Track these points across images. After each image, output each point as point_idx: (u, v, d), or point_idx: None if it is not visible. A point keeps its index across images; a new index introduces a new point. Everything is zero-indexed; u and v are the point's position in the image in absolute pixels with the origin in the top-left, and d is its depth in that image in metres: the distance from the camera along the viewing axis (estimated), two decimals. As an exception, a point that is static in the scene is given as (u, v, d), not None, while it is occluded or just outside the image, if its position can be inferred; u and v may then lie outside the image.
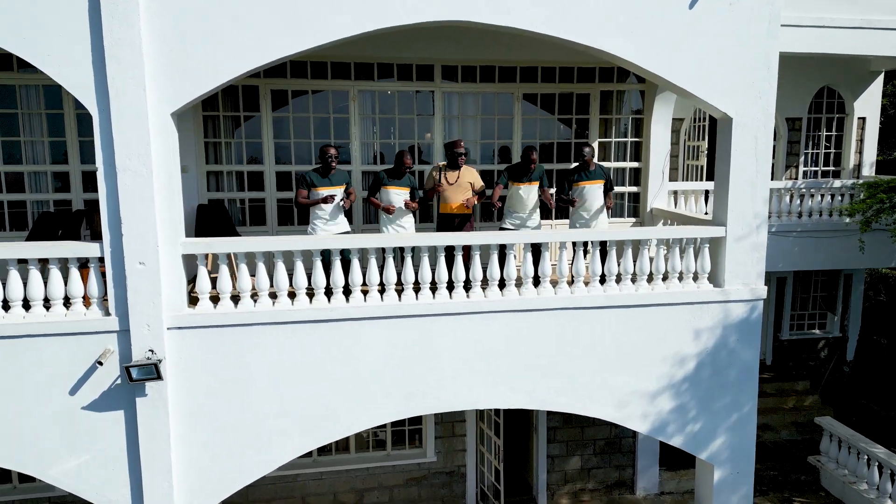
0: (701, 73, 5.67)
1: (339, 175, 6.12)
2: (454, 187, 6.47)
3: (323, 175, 6.03)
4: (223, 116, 7.16)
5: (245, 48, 4.96)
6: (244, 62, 5.00)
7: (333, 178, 6.06)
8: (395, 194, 6.26)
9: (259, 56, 5.01)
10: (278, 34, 4.99)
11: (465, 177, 6.55)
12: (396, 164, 6.31)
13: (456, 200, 6.49)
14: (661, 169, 8.07)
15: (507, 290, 5.78)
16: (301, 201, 6.01)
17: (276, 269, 5.37)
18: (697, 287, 6.08)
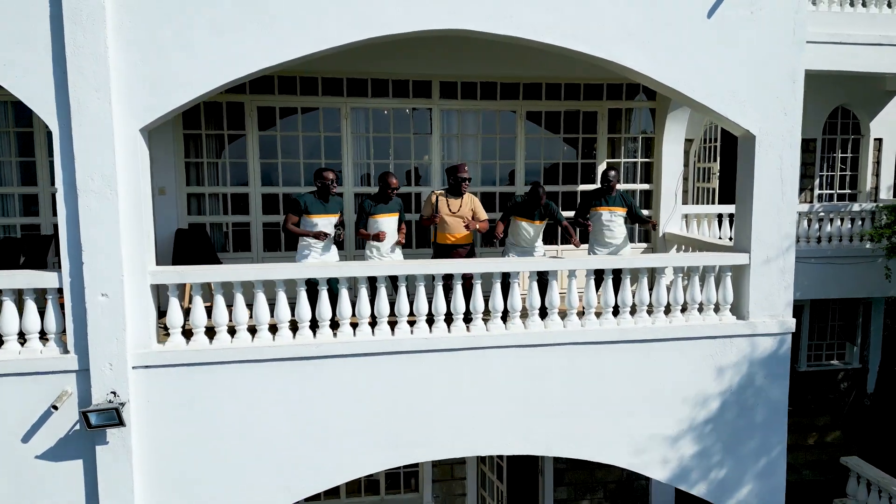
0: (721, 87, 5.25)
1: (335, 202, 5.62)
2: (456, 216, 5.98)
3: (319, 199, 5.51)
4: (206, 135, 6.73)
5: (222, 59, 4.53)
6: (221, 74, 4.58)
7: (330, 205, 5.56)
8: (385, 222, 5.73)
9: (237, 68, 4.59)
10: (259, 44, 4.57)
11: (468, 205, 6.07)
12: (381, 188, 5.76)
13: (458, 231, 5.98)
14: (674, 191, 7.63)
15: (511, 323, 5.29)
16: (290, 228, 5.49)
17: (257, 301, 4.88)
18: (720, 320, 5.58)
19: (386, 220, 5.72)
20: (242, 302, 4.88)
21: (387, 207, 5.75)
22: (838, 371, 11.16)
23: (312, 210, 5.47)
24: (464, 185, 5.99)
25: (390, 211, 5.77)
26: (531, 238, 6.10)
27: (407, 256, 6.07)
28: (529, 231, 6.07)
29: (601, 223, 6.24)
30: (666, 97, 7.42)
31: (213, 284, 4.85)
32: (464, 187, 6.00)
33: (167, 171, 6.45)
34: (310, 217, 5.47)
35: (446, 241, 6.00)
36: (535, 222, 6.07)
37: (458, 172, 5.99)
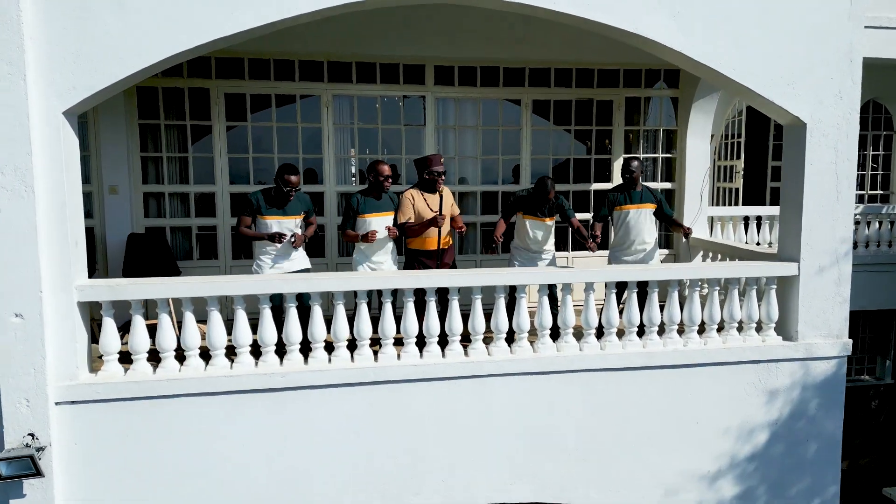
0: (766, 66, 4.47)
1: (296, 203, 4.80)
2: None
3: (275, 202, 4.72)
4: (165, 126, 5.94)
5: (168, 25, 3.74)
6: (168, 44, 3.78)
7: (288, 206, 4.76)
8: (378, 222, 4.90)
9: (189, 36, 3.78)
10: (217, 6, 3.77)
11: (448, 201, 5.16)
12: (373, 182, 4.92)
13: (444, 232, 5.08)
14: (700, 190, 6.84)
15: (518, 346, 4.49)
16: (243, 231, 4.71)
17: (210, 321, 4.07)
18: (763, 341, 4.79)
19: (379, 221, 4.89)
20: (193, 322, 4.07)
21: (380, 204, 4.92)
22: (869, 388, 10.37)
23: (265, 211, 4.68)
24: (439, 182, 5.03)
25: (384, 209, 4.94)
26: (540, 239, 5.26)
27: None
28: (537, 231, 5.24)
29: (626, 225, 5.38)
30: (690, 85, 6.64)
31: (159, 301, 4.04)
32: (439, 184, 5.04)
33: (119, 166, 5.66)
34: (264, 219, 4.68)
35: (429, 247, 5.02)
36: (543, 220, 5.23)
37: (432, 165, 4.98)
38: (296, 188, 4.64)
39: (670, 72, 6.81)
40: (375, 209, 4.90)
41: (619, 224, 5.40)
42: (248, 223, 4.73)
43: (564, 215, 5.28)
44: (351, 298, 4.41)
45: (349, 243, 4.89)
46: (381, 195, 4.93)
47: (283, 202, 4.69)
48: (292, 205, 4.75)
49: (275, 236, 4.56)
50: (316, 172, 6.30)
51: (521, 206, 5.29)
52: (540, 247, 5.26)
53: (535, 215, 5.23)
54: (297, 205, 4.79)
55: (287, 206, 4.71)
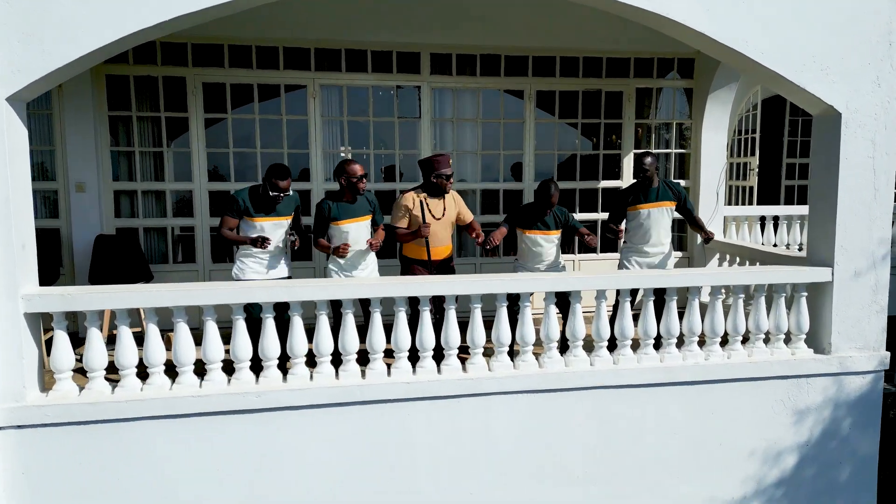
0: (796, 48, 4.06)
1: (286, 203, 4.39)
2: (440, 223, 4.63)
3: (264, 203, 4.30)
4: (138, 118, 5.52)
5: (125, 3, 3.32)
6: (130, 20, 3.36)
7: (280, 206, 4.35)
8: (352, 231, 4.45)
9: (154, 11, 3.36)
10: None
11: (453, 207, 4.74)
12: (344, 184, 4.41)
13: (442, 242, 4.65)
14: (716, 188, 6.42)
15: (522, 360, 4.08)
16: (225, 234, 4.29)
17: (177, 334, 3.66)
18: (792, 354, 4.38)
19: (353, 228, 4.44)
20: (157, 336, 3.65)
21: (354, 209, 4.47)
22: (887, 395, 9.95)
23: (255, 213, 4.26)
24: (448, 184, 4.60)
25: (358, 214, 4.48)
26: (545, 254, 4.77)
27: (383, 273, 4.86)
28: (541, 247, 4.75)
29: (641, 225, 4.93)
30: (706, 75, 6.24)
31: (118, 312, 3.62)
32: (447, 186, 4.61)
33: (87, 162, 5.25)
34: (252, 221, 4.27)
35: (424, 258, 4.57)
36: (547, 233, 4.75)
37: (439, 167, 4.53)
38: (285, 192, 4.22)
39: (684, 61, 6.40)
40: (350, 214, 4.44)
41: (633, 224, 4.96)
42: (233, 225, 4.29)
43: (570, 229, 4.80)
44: (336, 309, 4.00)
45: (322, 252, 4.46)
46: (354, 198, 4.47)
47: (273, 202, 4.28)
48: (283, 204, 4.34)
49: (257, 241, 4.13)
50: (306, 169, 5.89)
51: (519, 219, 4.80)
52: (546, 262, 4.79)
53: (536, 228, 4.75)
54: (289, 203, 4.39)
55: (280, 205, 4.31)
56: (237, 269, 4.35)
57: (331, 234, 4.46)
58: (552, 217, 4.75)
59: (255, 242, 4.13)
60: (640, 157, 4.86)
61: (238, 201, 4.26)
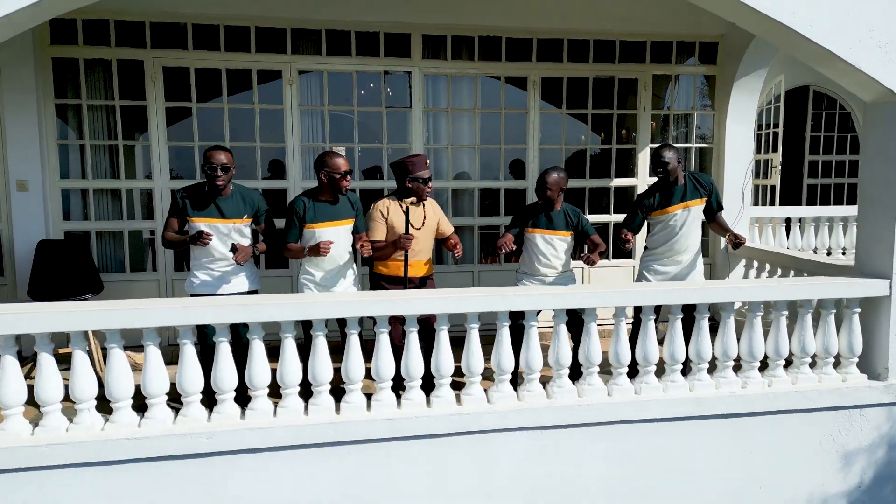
0: (850, 21, 3.47)
1: (235, 200, 3.77)
2: (420, 234, 4.01)
3: (206, 199, 3.70)
4: (89, 107, 4.92)
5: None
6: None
7: (225, 204, 3.73)
8: (330, 235, 3.80)
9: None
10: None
11: (433, 216, 4.12)
12: (325, 181, 3.79)
13: (422, 255, 4.04)
14: (742, 187, 5.83)
15: (527, 391, 3.49)
16: (167, 237, 3.72)
17: (110, 362, 3.06)
18: (843, 380, 3.80)
19: (332, 233, 3.84)
20: (85, 366, 3.05)
21: (334, 211, 3.87)
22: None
23: (192, 213, 3.68)
24: (426, 190, 3.98)
25: (339, 217, 3.88)
26: (552, 261, 4.15)
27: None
28: (549, 248, 4.14)
29: (666, 231, 4.29)
30: (731, 60, 5.65)
31: (37, 337, 3.02)
32: (425, 192, 4.00)
33: (29, 157, 4.65)
34: (192, 221, 3.68)
35: (400, 274, 3.96)
36: (555, 233, 4.16)
37: (414, 170, 3.92)
38: (220, 168, 3.60)
39: (707, 45, 5.81)
40: (328, 217, 3.83)
41: (657, 231, 4.32)
42: (176, 226, 3.72)
43: (582, 234, 4.19)
44: (307, 331, 3.40)
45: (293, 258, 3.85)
46: (336, 198, 3.85)
47: (212, 194, 3.67)
48: (231, 202, 3.74)
49: (196, 237, 3.53)
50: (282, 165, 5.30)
51: (524, 217, 4.19)
52: (551, 272, 4.17)
53: (542, 227, 4.14)
54: (239, 204, 3.78)
55: (224, 203, 3.71)
56: (189, 283, 3.76)
57: (305, 240, 3.86)
58: (562, 216, 4.16)
59: (194, 241, 3.53)
60: (658, 151, 4.21)
61: (177, 199, 3.69)
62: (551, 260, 4.16)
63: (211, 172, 3.61)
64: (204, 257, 3.73)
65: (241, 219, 3.76)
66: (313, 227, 3.80)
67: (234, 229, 3.76)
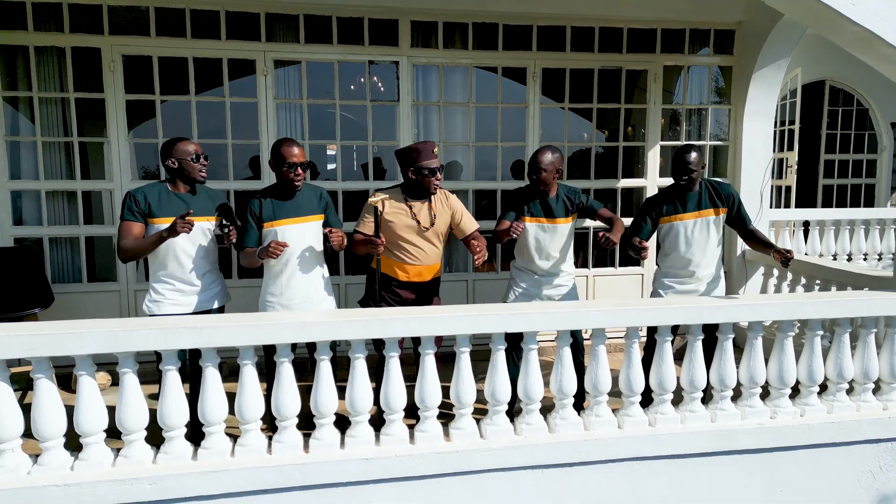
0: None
1: (202, 198, 3.36)
2: (427, 235, 3.60)
3: (165, 197, 3.27)
4: (41, 100, 4.48)
5: None
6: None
7: (193, 202, 3.31)
8: (291, 234, 3.38)
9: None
10: None
11: (445, 214, 3.65)
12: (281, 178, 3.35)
13: (428, 260, 3.63)
14: (760, 189, 5.40)
15: (526, 424, 3.06)
16: (128, 244, 3.21)
17: (37, 393, 2.63)
18: (884, 409, 3.37)
19: (294, 230, 3.39)
20: (8, 396, 2.63)
21: (295, 206, 3.41)
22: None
23: (156, 211, 3.23)
24: (433, 182, 3.54)
25: (300, 213, 3.42)
26: (550, 254, 3.73)
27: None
28: (545, 240, 3.70)
29: (678, 241, 3.81)
30: (749, 50, 5.23)
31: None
32: (433, 184, 3.55)
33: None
34: (154, 222, 3.23)
35: (407, 277, 3.61)
36: (553, 221, 3.70)
37: (420, 159, 3.50)
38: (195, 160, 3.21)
39: (722, 33, 5.38)
40: (289, 214, 3.38)
41: (668, 241, 3.86)
42: (137, 233, 3.21)
43: (587, 210, 3.74)
44: (265, 356, 2.97)
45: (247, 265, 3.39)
46: (292, 192, 3.39)
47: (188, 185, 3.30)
48: (199, 200, 3.32)
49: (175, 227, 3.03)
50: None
51: (519, 202, 3.72)
52: (551, 267, 3.74)
53: (534, 214, 3.70)
54: (207, 202, 3.35)
55: (192, 201, 3.28)
56: (149, 300, 3.30)
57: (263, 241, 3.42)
58: (560, 201, 3.69)
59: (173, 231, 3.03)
60: (682, 154, 3.67)
61: (135, 199, 3.21)
62: (550, 251, 3.72)
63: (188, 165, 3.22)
64: (168, 264, 3.26)
65: (211, 216, 3.32)
66: (273, 224, 3.35)
67: (205, 229, 3.32)
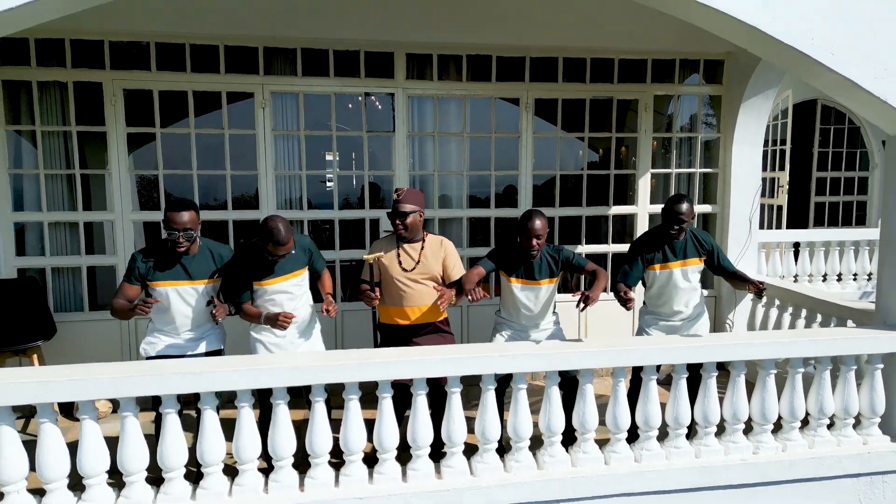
0: (875, 45, 3.14)
1: (203, 258, 3.38)
2: (410, 277, 3.64)
3: (167, 261, 3.31)
4: (43, 133, 4.57)
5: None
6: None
7: (192, 263, 3.34)
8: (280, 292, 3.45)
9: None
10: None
11: (433, 258, 3.70)
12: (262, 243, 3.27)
13: (417, 302, 3.67)
14: (749, 215, 5.49)
15: (515, 461, 3.15)
16: (117, 304, 3.27)
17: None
18: (864, 443, 3.47)
19: (281, 288, 3.45)
20: (15, 440, 2.71)
21: (281, 266, 3.43)
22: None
23: (153, 277, 3.29)
24: (398, 226, 3.55)
25: (287, 270, 3.46)
26: (532, 309, 3.74)
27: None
28: (529, 300, 3.71)
29: (664, 289, 3.89)
30: (738, 80, 5.32)
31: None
32: (399, 228, 3.56)
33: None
34: (154, 286, 3.31)
35: (399, 321, 3.68)
36: (534, 283, 3.70)
37: (395, 202, 3.59)
38: (186, 230, 3.22)
39: (712, 63, 5.48)
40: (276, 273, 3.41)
41: (653, 286, 3.93)
42: (131, 294, 3.28)
43: (573, 267, 3.74)
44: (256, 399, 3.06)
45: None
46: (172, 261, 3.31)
47: (175, 257, 3.30)
48: (198, 261, 3.35)
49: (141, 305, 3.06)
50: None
51: (502, 259, 3.73)
52: (534, 320, 3.77)
53: (518, 276, 3.70)
54: (208, 262, 3.38)
55: (191, 263, 3.32)
56: (146, 343, 3.39)
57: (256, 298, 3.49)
58: (544, 262, 3.68)
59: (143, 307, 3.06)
60: (674, 205, 3.72)
61: (137, 262, 3.28)
62: (532, 309, 3.74)
63: (172, 237, 3.20)
64: (165, 323, 3.35)
65: (210, 279, 3.38)
66: (262, 284, 3.41)
67: (203, 291, 3.37)
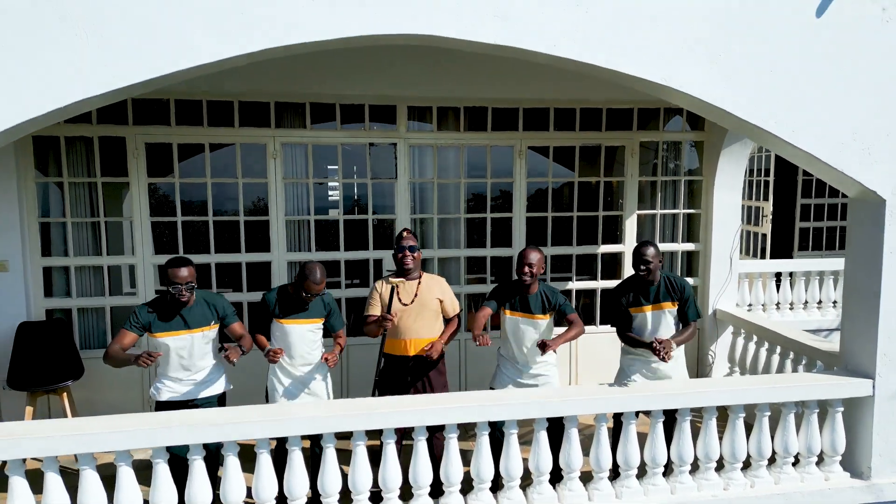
0: (832, 123, 3.48)
1: (199, 308, 3.66)
2: (409, 310, 4.02)
3: (167, 312, 3.61)
4: (70, 184, 4.91)
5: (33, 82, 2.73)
6: (32, 104, 2.76)
7: (189, 314, 3.62)
8: (296, 333, 3.82)
9: (61, 92, 2.77)
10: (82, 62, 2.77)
11: (431, 293, 4.09)
12: (298, 282, 3.74)
13: (414, 334, 4.04)
14: (729, 254, 5.82)
15: (507, 499, 3.47)
16: (113, 352, 3.51)
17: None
18: (825, 479, 3.79)
19: (297, 330, 3.83)
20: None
21: (303, 312, 3.85)
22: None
23: (155, 328, 3.58)
24: (403, 258, 4.00)
25: (308, 315, 3.86)
26: (527, 345, 4.02)
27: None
28: (522, 331, 4.01)
29: (641, 328, 4.14)
30: (719, 127, 5.65)
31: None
32: (405, 261, 4.00)
33: (9, 236, 4.63)
34: (155, 337, 3.61)
35: (398, 351, 4.06)
36: (530, 317, 4.02)
37: (398, 241, 4.06)
38: (187, 283, 3.51)
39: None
40: (296, 315, 3.82)
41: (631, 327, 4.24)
42: (126, 343, 3.52)
43: (559, 311, 4.06)
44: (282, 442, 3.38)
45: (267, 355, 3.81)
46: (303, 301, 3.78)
47: (176, 306, 3.60)
48: (195, 311, 3.64)
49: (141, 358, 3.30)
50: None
51: (501, 294, 4.07)
52: (531, 358, 4.04)
53: (516, 309, 4.02)
54: (204, 311, 3.67)
55: (188, 313, 3.62)
56: (154, 388, 3.70)
57: (273, 333, 3.89)
58: (539, 298, 4.01)
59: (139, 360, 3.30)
60: (641, 249, 4.03)
61: (138, 316, 3.57)
62: (528, 344, 4.04)
63: (175, 291, 3.50)
64: (171, 369, 3.65)
65: (207, 326, 3.68)
66: (281, 322, 3.81)
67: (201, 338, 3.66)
